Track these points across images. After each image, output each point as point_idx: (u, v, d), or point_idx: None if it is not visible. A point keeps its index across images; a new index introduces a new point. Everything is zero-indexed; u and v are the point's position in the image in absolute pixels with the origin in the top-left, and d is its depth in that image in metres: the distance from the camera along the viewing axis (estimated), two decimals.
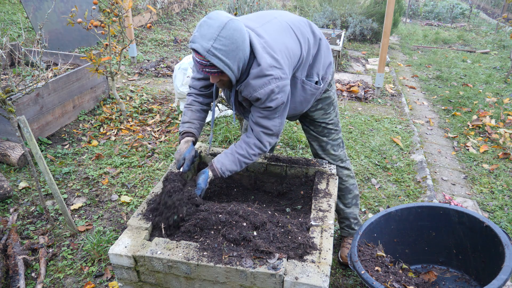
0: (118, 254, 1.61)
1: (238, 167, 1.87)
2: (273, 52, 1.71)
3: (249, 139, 1.86)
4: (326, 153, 2.28)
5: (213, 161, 1.87)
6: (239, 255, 1.56)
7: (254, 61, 1.69)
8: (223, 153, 1.89)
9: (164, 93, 4.81)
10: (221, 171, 1.86)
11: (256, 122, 1.83)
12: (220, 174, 1.86)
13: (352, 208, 2.43)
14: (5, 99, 2.27)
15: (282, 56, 1.74)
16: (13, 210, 2.77)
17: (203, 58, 1.59)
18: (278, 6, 9.68)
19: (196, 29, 1.60)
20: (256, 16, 1.90)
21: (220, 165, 1.85)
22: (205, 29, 1.56)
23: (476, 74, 6.14)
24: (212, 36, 1.55)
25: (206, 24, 1.57)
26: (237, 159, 1.86)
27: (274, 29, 1.81)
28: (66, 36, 5.68)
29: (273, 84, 1.69)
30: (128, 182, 3.15)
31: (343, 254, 2.42)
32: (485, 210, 3.02)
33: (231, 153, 1.87)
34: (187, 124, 1.98)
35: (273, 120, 1.82)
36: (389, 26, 4.50)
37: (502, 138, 3.93)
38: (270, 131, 1.84)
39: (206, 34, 1.56)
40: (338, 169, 2.32)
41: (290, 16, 1.95)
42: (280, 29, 1.83)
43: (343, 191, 2.39)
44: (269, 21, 1.84)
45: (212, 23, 1.56)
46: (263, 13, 1.94)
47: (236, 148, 1.87)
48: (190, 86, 2.03)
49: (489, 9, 11.97)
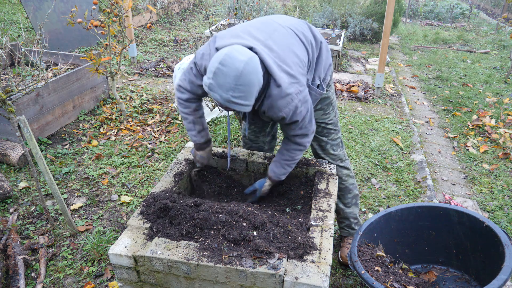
0: (118, 254, 1.61)
1: (289, 169, 2.04)
2: (288, 68, 1.73)
3: (289, 146, 1.98)
4: (326, 153, 2.29)
5: (268, 170, 2.08)
6: (239, 255, 1.56)
7: (271, 81, 1.69)
8: (272, 162, 2.07)
9: (164, 93, 4.81)
10: (276, 177, 2.05)
11: (291, 135, 1.92)
12: (275, 179, 2.06)
13: (352, 208, 2.44)
14: (5, 99, 2.27)
15: (296, 68, 1.76)
16: (13, 210, 2.77)
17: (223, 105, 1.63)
18: (278, 6, 9.68)
19: (211, 75, 1.57)
20: (260, 24, 1.87)
21: (273, 174, 2.05)
22: (221, 78, 1.55)
23: (476, 74, 6.14)
24: (230, 87, 1.55)
25: (221, 73, 1.54)
26: (285, 164, 2.01)
27: (282, 39, 1.80)
28: (66, 36, 5.68)
29: (295, 100, 1.73)
30: (128, 182, 3.15)
31: (343, 254, 2.43)
32: (485, 210, 3.02)
33: (277, 161, 2.03)
34: (204, 132, 2.08)
35: (304, 127, 1.89)
36: (389, 26, 4.50)
37: (502, 138, 3.93)
38: (305, 134, 1.93)
39: (224, 84, 1.55)
40: (337, 169, 2.33)
41: (292, 21, 1.94)
42: (288, 38, 1.82)
43: (343, 190, 2.40)
44: (275, 29, 1.82)
45: (227, 72, 1.54)
46: (266, 19, 1.91)
47: (281, 155, 2.01)
48: (188, 91, 1.97)
49: (489, 9, 11.97)
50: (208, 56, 1.79)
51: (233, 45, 1.62)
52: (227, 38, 1.75)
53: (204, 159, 2.14)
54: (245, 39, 1.70)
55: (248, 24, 1.90)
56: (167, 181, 2.06)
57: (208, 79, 1.59)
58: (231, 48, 1.59)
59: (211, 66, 1.59)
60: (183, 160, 2.25)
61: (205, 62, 1.80)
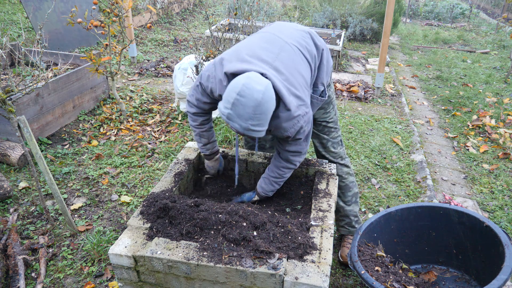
0: (118, 254, 1.61)
1: (276, 186, 2.06)
2: (296, 90, 1.76)
3: (279, 163, 1.99)
4: (327, 151, 2.32)
5: (257, 187, 2.10)
6: (239, 255, 1.56)
7: (281, 104, 1.72)
8: (262, 178, 2.09)
9: (164, 93, 4.81)
10: (263, 193, 2.08)
11: (285, 150, 1.94)
12: (262, 195, 2.09)
13: (352, 206, 2.45)
14: (5, 99, 2.27)
15: (302, 89, 1.80)
16: (13, 210, 2.77)
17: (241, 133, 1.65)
18: (278, 6, 9.68)
19: (230, 105, 1.59)
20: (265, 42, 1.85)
21: (261, 190, 2.08)
22: (240, 109, 1.58)
23: (476, 74, 6.14)
24: (249, 116, 1.58)
25: (240, 104, 1.57)
26: (273, 182, 2.04)
27: (288, 59, 1.81)
28: (66, 36, 5.68)
29: (301, 121, 1.77)
30: (128, 182, 3.15)
31: (343, 253, 2.43)
32: (485, 210, 3.02)
33: (266, 177, 2.05)
34: (209, 145, 2.12)
35: (300, 145, 1.92)
36: (389, 26, 4.50)
37: (502, 138, 3.93)
38: (299, 153, 1.95)
39: (243, 115, 1.58)
40: (338, 167, 2.36)
41: (296, 34, 1.92)
42: (294, 57, 1.83)
43: (343, 188, 2.42)
44: (281, 48, 1.82)
45: (246, 103, 1.56)
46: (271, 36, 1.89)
47: (270, 172, 2.04)
48: (196, 106, 1.99)
49: (489, 9, 11.97)
50: (214, 79, 1.79)
51: (249, 74, 1.63)
52: (234, 62, 1.74)
53: (212, 169, 2.22)
54: (254, 65, 1.70)
55: (252, 43, 1.87)
56: (167, 181, 2.06)
57: (226, 109, 1.61)
58: (247, 78, 1.60)
59: (228, 96, 1.60)
60: (183, 160, 2.25)
61: (211, 85, 1.81)
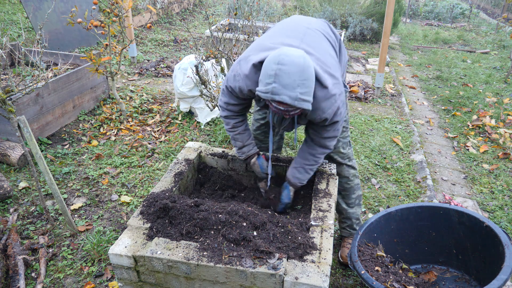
0: (118, 254, 1.61)
1: (311, 174, 2.00)
2: (329, 68, 1.70)
3: (314, 150, 1.93)
4: (336, 151, 2.26)
5: (289, 178, 2.01)
6: (239, 255, 1.56)
7: (316, 83, 1.64)
8: (293, 168, 1.99)
9: (164, 93, 4.81)
10: (299, 183, 2.00)
11: (322, 137, 1.87)
12: (298, 185, 2.01)
13: (355, 208, 2.42)
14: (5, 99, 2.27)
15: (335, 69, 1.74)
16: (13, 210, 2.77)
17: (290, 106, 1.55)
18: (278, 6, 9.67)
19: (271, 79, 1.51)
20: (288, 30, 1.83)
21: (296, 180, 1.99)
22: (285, 78, 1.49)
23: (476, 74, 6.14)
24: (297, 84, 1.49)
25: (283, 73, 1.49)
26: (309, 169, 1.97)
27: (314, 41, 1.76)
28: (66, 36, 5.68)
29: (338, 101, 1.71)
30: (128, 182, 3.15)
31: (343, 254, 2.42)
32: (485, 210, 3.02)
33: (300, 166, 1.97)
34: (245, 148, 2.06)
35: (336, 130, 1.86)
36: (389, 26, 4.50)
37: (502, 138, 3.93)
38: (334, 137, 1.90)
39: (289, 84, 1.49)
40: (345, 168, 2.31)
41: (315, 22, 1.92)
42: (319, 39, 1.80)
43: (348, 190, 2.37)
44: (305, 33, 1.79)
45: (289, 70, 1.49)
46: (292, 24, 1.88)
47: (304, 160, 1.96)
48: (226, 109, 1.98)
49: (489, 9, 11.97)
50: (239, 76, 1.76)
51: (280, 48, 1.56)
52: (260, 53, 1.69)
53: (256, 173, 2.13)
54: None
55: (274, 33, 1.85)
56: (167, 181, 2.06)
57: (268, 85, 1.52)
58: (281, 49, 1.53)
59: (267, 70, 1.53)
60: (183, 160, 2.25)
61: (238, 83, 1.78)
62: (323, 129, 1.84)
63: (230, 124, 2.01)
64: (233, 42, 3.58)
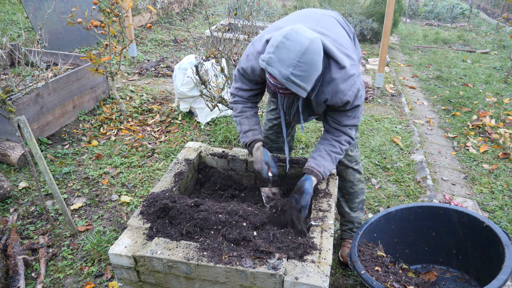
0: (118, 254, 1.61)
1: (335, 164, 1.86)
2: (346, 50, 1.66)
3: (338, 137, 1.83)
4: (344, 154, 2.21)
5: (312, 166, 1.82)
6: (239, 255, 1.56)
7: (332, 64, 1.59)
8: (317, 156, 1.84)
9: (164, 93, 4.81)
10: (324, 173, 1.83)
11: (343, 124, 1.79)
12: (323, 176, 1.83)
13: (358, 213, 2.40)
14: (5, 99, 2.27)
15: (351, 50, 1.70)
16: (13, 210, 2.77)
17: (279, 82, 1.50)
18: (278, 6, 9.67)
19: (272, 49, 1.47)
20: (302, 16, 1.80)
21: (322, 168, 1.82)
22: (283, 53, 1.44)
23: (476, 74, 6.14)
24: (292, 63, 1.44)
25: (284, 47, 1.44)
26: (334, 158, 1.84)
27: (329, 25, 1.73)
28: (66, 36, 5.68)
29: (357, 82, 1.66)
30: (128, 182, 3.15)
31: (344, 253, 2.42)
32: (485, 210, 3.02)
33: (327, 153, 1.83)
34: (250, 133, 1.95)
35: (357, 117, 1.79)
36: (389, 26, 4.50)
37: (502, 138, 3.93)
38: (355, 126, 1.83)
39: (285, 60, 1.44)
40: (350, 172, 2.26)
41: (329, 11, 1.92)
42: (334, 24, 1.77)
43: (352, 195, 2.34)
44: (319, 18, 1.77)
45: (291, 46, 1.43)
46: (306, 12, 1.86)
47: (329, 147, 1.83)
48: (235, 95, 1.94)
49: (489, 9, 11.97)
50: (253, 55, 1.73)
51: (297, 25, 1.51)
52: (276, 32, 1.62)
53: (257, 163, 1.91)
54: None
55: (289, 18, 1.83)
56: (167, 181, 2.06)
57: (268, 54, 1.48)
58: (296, 26, 1.49)
59: (273, 41, 1.48)
60: (183, 160, 2.25)
61: (251, 63, 1.75)
62: (344, 116, 1.75)
63: (238, 109, 1.94)
64: (233, 42, 3.58)
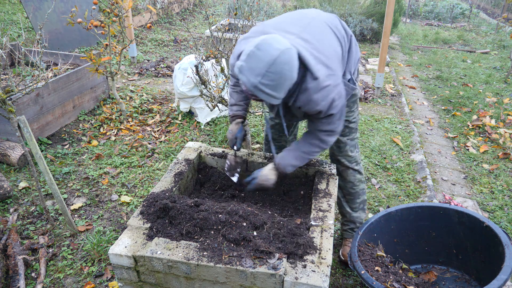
0: (118, 254, 1.61)
1: (299, 163, 1.91)
2: (325, 58, 1.68)
3: (312, 140, 1.88)
4: (343, 154, 2.23)
5: (277, 160, 1.91)
6: (239, 255, 1.56)
7: (307, 74, 1.63)
8: (286, 151, 1.91)
9: (164, 93, 4.81)
10: (279, 164, 1.90)
11: (318, 129, 1.84)
12: (282, 169, 1.90)
13: (359, 213, 2.41)
14: (5, 99, 2.27)
15: (333, 60, 1.72)
16: (13, 210, 2.77)
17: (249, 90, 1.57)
18: (278, 6, 9.67)
19: (244, 57, 1.54)
20: (293, 18, 1.83)
21: (283, 162, 1.89)
22: (253, 62, 1.51)
23: (476, 74, 6.14)
24: (260, 72, 1.51)
25: (255, 56, 1.51)
26: (300, 156, 1.89)
27: (317, 31, 1.76)
28: (66, 36, 5.68)
29: (332, 93, 1.68)
30: (128, 182, 3.15)
31: (344, 252, 2.42)
32: (485, 210, 3.02)
33: (295, 150, 1.90)
34: (235, 107, 2.05)
35: (334, 123, 1.82)
36: (389, 26, 4.50)
37: (502, 138, 3.93)
38: (332, 132, 1.86)
39: (254, 69, 1.51)
40: (351, 173, 2.27)
41: (324, 15, 1.92)
42: (322, 30, 1.79)
43: (352, 195, 2.35)
44: (309, 23, 1.79)
45: (261, 56, 1.50)
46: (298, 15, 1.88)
47: (300, 146, 1.90)
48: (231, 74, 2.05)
49: (489, 9, 11.96)
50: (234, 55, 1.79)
51: (274, 35, 1.57)
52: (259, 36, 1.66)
53: (230, 133, 2.05)
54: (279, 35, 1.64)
55: (279, 20, 1.86)
56: (167, 181, 2.06)
57: (241, 61, 1.56)
58: (270, 36, 1.55)
59: (246, 49, 1.55)
60: (183, 160, 2.25)
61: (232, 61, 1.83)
62: (319, 122, 1.82)
63: (232, 82, 2.04)
64: (233, 42, 3.57)
